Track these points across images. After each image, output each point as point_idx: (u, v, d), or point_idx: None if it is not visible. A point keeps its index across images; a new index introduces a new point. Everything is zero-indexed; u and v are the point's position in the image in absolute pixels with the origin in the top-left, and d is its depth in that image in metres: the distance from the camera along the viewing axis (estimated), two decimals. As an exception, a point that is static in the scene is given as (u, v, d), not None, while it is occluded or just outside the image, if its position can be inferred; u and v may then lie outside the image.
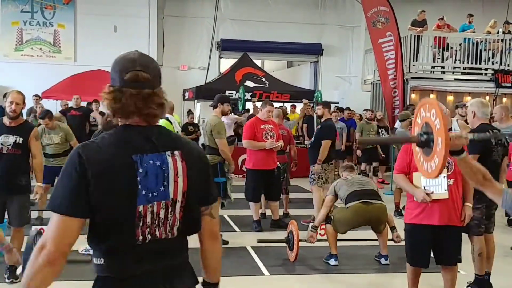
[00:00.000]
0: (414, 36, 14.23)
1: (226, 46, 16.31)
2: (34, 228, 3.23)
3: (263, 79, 13.45)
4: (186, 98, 14.52)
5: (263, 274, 5.60)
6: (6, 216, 5.18)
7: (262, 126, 7.35)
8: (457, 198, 4.26)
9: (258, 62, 16.13)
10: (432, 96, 14.05)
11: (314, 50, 17.08)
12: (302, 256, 6.33)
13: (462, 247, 4.42)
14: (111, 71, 1.92)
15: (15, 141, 4.96)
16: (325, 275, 5.67)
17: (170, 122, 6.42)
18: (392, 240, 5.93)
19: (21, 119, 5.10)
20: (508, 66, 14.66)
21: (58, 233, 1.77)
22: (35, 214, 7.23)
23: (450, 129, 7.79)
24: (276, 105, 13.51)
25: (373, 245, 6.16)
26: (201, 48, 16.35)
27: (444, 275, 4.44)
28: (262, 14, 16.46)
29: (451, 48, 14.86)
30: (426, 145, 2.31)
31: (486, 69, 14.91)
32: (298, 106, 15.79)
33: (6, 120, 5.00)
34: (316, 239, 5.90)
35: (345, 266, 5.87)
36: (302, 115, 11.96)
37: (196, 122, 13.60)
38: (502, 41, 14.61)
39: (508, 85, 14.52)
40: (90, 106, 12.30)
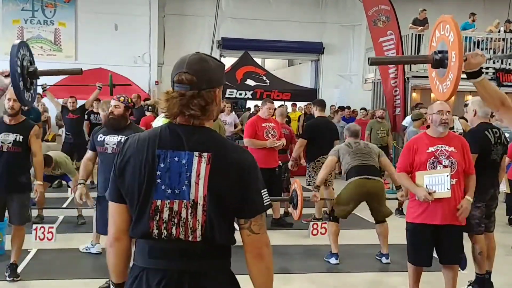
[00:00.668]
0: (415, 35, 14.22)
1: (227, 44, 16.30)
2: (18, 41, 3.09)
3: (264, 78, 13.45)
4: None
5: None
6: (7, 214, 5.18)
7: (263, 125, 7.34)
8: (459, 197, 4.25)
9: (259, 61, 16.13)
10: (432, 95, 14.03)
11: (315, 49, 17.07)
12: (303, 255, 6.33)
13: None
14: None
15: (15, 139, 4.94)
16: (326, 274, 5.67)
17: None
18: (396, 199, 6.01)
19: (21, 117, 5.06)
20: (509, 65, 14.64)
21: (110, 218, 1.98)
22: (35, 213, 7.23)
23: (452, 127, 7.81)
24: (276, 103, 13.60)
25: (374, 244, 6.17)
26: (202, 46, 16.32)
27: (445, 274, 4.44)
28: (263, 12, 16.45)
29: (452, 46, 14.84)
30: (440, 64, 2.20)
31: (487, 68, 14.89)
32: (299, 105, 15.83)
33: (6, 118, 4.98)
34: (319, 198, 6.13)
35: (346, 265, 5.87)
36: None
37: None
38: (503, 40, 14.60)
39: (509, 84, 14.49)
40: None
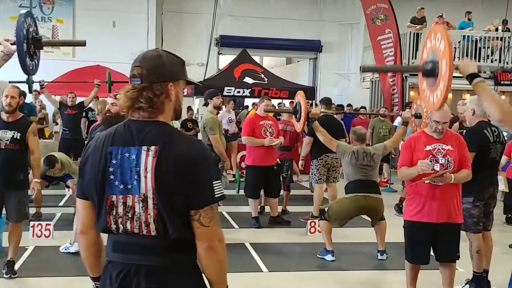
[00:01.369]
0: (413, 33, 14.22)
1: (225, 42, 16.28)
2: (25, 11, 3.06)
3: (262, 76, 13.42)
4: (185, 94, 14.42)
5: (262, 271, 5.60)
6: (4, 211, 5.15)
7: (261, 122, 7.34)
8: (456, 195, 4.27)
9: (257, 59, 16.12)
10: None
11: (313, 47, 17.06)
12: (301, 252, 6.34)
13: (461, 244, 4.42)
14: None
15: (13, 136, 4.93)
16: (323, 272, 5.67)
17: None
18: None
19: (18, 114, 5.05)
20: (507, 64, 14.66)
21: (76, 214, 2.14)
22: (33, 210, 7.21)
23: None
24: (275, 102, 13.58)
25: (371, 242, 6.18)
26: (200, 44, 16.32)
27: (442, 272, 4.46)
28: (261, 10, 16.43)
29: (450, 45, 14.85)
30: (431, 73, 2.21)
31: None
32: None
33: (4, 115, 4.97)
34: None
35: (343, 263, 5.88)
36: None
37: (194, 118, 13.59)
38: (501, 39, 14.61)
39: (507, 83, 14.54)
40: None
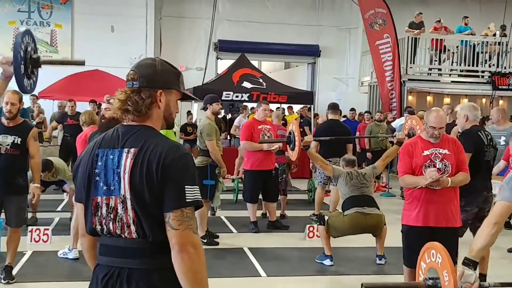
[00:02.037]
0: (411, 38, 14.26)
1: (223, 46, 16.29)
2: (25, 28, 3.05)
3: (261, 80, 13.42)
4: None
5: (260, 275, 5.59)
6: (3, 216, 5.15)
7: (259, 127, 7.34)
8: (454, 199, 4.27)
9: (255, 63, 16.12)
10: (429, 98, 14.08)
11: (312, 52, 17.07)
12: (299, 257, 6.33)
13: (461, 248, 4.42)
14: None
15: (14, 141, 4.92)
16: (322, 276, 5.67)
17: None
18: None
19: (19, 119, 5.05)
20: (505, 68, 14.70)
21: (78, 217, 2.14)
22: (29, 215, 7.19)
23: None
24: (273, 106, 13.59)
25: (370, 246, 6.17)
26: (198, 49, 16.33)
27: (441, 277, 4.45)
28: (259, 15, 16.45)
29: (448, 50, 14.90)
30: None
31: (483, 71, 14.95)
32: (295, 107, 15.84)
33: (4, 120, 4.96)
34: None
35: (342, 267, 5.88)
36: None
37: (194, 122, 13.60)
38: (499, 43, 14.66)
39: (504, 87, 14.57)
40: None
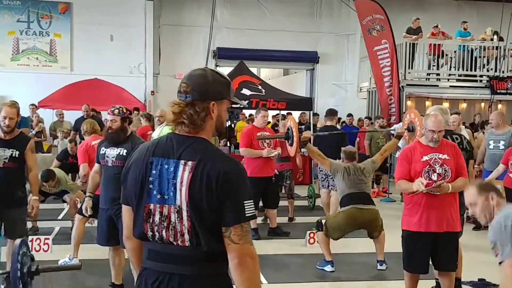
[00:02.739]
0: (409, 43, 14.30)
1: (222, 54, 16.34)
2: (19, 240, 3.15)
3: (260, 87, 13.44)
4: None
5: (261, 283, 5.57)
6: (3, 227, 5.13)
7: (259, 134, 7.36)
8: (453, 203, 4.28)
9: (254, 70, 16.14)
10: (427, 103, 14.10)
11: (310, 58, 17.12)
12: (300, 264, 6.33)
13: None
14: None
15: (12, 154, 4.84)
16: (323, 283, 5.66)
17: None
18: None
19: (16, 131, 4.96)
20: (503, 72, 14.73)
21: (123, 219, 2.20)
22: (29, 225, 7.18)
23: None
24: (272, 113, 13.61)
25: (370, 252, 6.17)
26: (197, 56, 16.36)
27: (441, 281, 4.46)
28: (258, 22, 16.51)
29: (446, 55, 14.94)
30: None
31: (481, 76, 14.98)
32: (295, 114, 15.85)
33: (1, 133, 4.88)
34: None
35: (343, 273, 5.87)
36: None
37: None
38: (497, 48, 14.70)
39: (503, 91, 14.59)
40: (98, 114, 12.26)
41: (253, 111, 13.75)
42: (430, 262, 4.40)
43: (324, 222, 5.86)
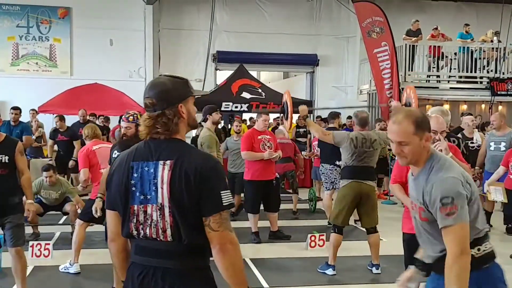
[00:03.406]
0: (409, 45, 14.30)
1: (222, 58, 16.34)
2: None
3: (260, 90, 13.46)
4: (183, 110, 14.62)
5: (263, 286, 5.57)
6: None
7: (259, 137, 7.36)
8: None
9: (254, 74, 16.17)
10: (428, 105, 14.09)
11: (310, 61, 17.12)
12: (301, 267, 6.31)
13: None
14: None
15: (1, 160, 4.60)
16: (325, 286, 5.64)
17: None
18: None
19: (1, 135, 4.70)
20: (503, 74, 14.73)
21: (107, 223, 2.34)
22: (30, 230, 7.18)
23: (471, 138, 7.93)
24: (273, 116, 13.61)
25: (370, 255, 6.15)
26: (197, 60, 16.38)
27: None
28: (257, 26, 16.52)
29: (446, 57, 14.94)
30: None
31: (481, 77, 14.98)
32: (294, 116, 15.83)
33: None
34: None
35: (343, 276, 5.86)
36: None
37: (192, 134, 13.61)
38: (497, 49, 14.70)
39: (503, 93, 14.58)
40: (95, 119, 12.35)
41: (252, 114, 13.79)
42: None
43: (333, 220, 5.88)
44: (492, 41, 14.84)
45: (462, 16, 16.79)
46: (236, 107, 12.94)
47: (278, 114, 14.10)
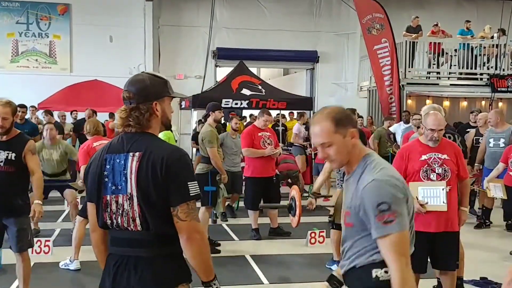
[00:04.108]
0: (409, 42, 14.29)
1: (222, 54, 16.32)
2: None
3: (260, 87, 13.43)
4: (183, 107, 14.54)
5: (263, 283, 5.58)
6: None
7: (260, 134, 7.37)
8: (454, 204, 4.27)
9: (254, 70, 16.14)
10: (428, 101, 14.09)
11: (310, 58, 17.10)
12: (301, 263, 6.32)
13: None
14: None
15: (7, 157, 4.38)
16: (324, 283, 5.64)
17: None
18: None
19: (15, 131, 4.51)
20: (503, 70, 14.72)
21: (88, 215, 2.43)
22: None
23: (454, 134, 7.97)
24: (272, 113, 13.60)
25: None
26: (197, 57, 16.36)
27: (443, 280, 4.45)
28: (257, 22, 16.50)
29: (446, 53, 14.93)
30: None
31: (481, 74, 14.97)
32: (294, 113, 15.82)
33: None
34: (315, 206, 5.95)
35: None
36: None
37: (191, 131, 13.61)
38: (497, 46, 14.68)
39: (503, 89, 14.58)
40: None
41: (252, 111, 13.78)
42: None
43: (333, 220, 5.88)
44: (492, 37, 14.82)
45: (462, 12, 16.77)
46: (236, 104, 12.92)
47: (278, 112, 14.15)
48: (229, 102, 12.73)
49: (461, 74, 15.05)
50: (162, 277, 2.22)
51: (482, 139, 8.32)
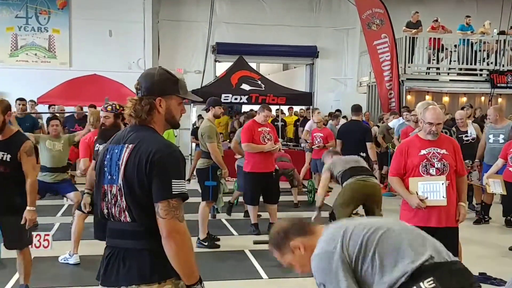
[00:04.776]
0: (409, 37, 14.27)
1: (221, 49, 16.30)
2: None
3: (259, 82, 13.43)
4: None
5: (262, 278, 5.59)
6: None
7: (259, 129, 7.36)
8: (453, 198, 4.27)
9: (253, 65, 16.13)
10: (427, 97, 14.09)
11: (310, 53, 17.08)
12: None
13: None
14: None
15: (2, 158, 4.19)
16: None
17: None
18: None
19: (11, 130, 4.31)
20: (503, 66, 14.71)
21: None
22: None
23: (466, 132, 8.02)
24: (272, 108, 13.58)
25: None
26: (196, 51, 16.34)
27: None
28: (257, 17, 16.46)
29: (446, 49, 14.91)
30: None
31: (481, 69, 14.96)
32: (295, 108, 15.84)
33: None
34: (320, 219, 6.05)
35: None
36: None
37: (190, 126, 13.61)
38: (497, 41, 14.67)
39: (503, 85, 14.58)
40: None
41: (252, 106, 13.77)
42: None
43: (332, 211, 5.92)
44: (492, 35, 14.81)
45: (462, 7, 16.74)
46: (235, 99, 12.93)
47: (278, 107, 14.14)
48: (228, 97, 12.73)
49: (460, 69, 15.04)
50: (149, 270, 2.18)
51: (464, 136, 8.24)
